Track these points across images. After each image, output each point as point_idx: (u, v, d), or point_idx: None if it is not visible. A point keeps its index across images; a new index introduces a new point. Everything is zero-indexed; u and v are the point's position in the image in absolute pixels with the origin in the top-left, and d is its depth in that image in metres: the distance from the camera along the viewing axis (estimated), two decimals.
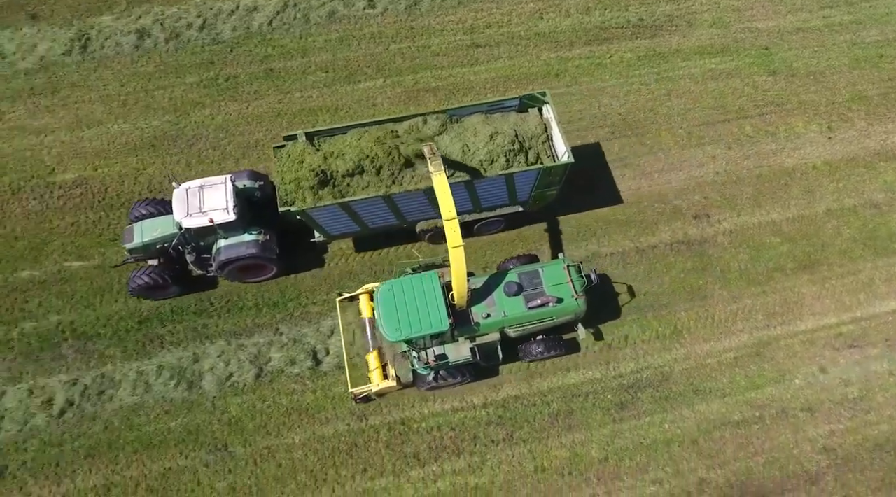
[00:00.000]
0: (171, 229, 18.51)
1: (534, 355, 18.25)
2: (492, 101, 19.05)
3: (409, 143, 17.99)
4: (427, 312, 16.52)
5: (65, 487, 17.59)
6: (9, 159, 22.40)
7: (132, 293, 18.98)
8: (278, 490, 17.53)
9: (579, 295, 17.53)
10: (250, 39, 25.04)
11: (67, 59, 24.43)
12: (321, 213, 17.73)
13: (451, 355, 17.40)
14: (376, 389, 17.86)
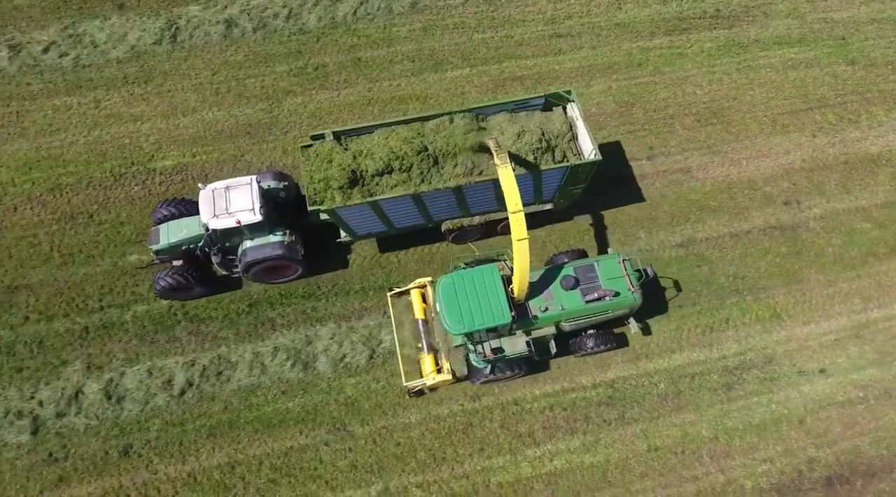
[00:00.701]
0: (197, 230, 18.34)
1: (587, 349, 18.21)
2: (517, 100, 18.70)
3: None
4: (489, 305, 16.48)
5: (190, 466, 17.67)
6: (108, 146, 22.41)
7: (158, 295, 18.85)
8: (399, 468, 17.62)
9: (636, 289, 17.48)
10: (335, 29, 25.02)
11: (158, 49, 24.40)
12: (349, 213, 17.51)
13: (507, 349, 17.35)
14: (431, 383, 17.74)
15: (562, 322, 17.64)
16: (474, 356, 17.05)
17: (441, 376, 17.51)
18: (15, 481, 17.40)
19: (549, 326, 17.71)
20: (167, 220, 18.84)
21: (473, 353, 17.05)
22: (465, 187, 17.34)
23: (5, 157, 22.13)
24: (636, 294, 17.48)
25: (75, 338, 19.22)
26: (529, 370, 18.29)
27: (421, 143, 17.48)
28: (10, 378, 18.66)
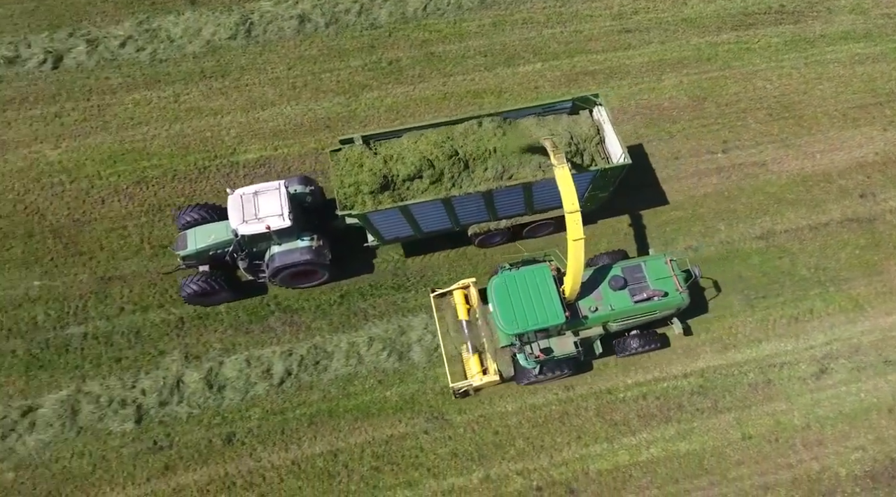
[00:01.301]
0: (225, 235, 18.09)
1: (631, 350, 18.19)
2: (545, 104, 18.50)
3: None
4: (542, 306, 16.39)
5: (293, 453, 17.70)
6: (190, 140, 22.39)
7: (186, 300, 18.58)
8: (499, 456, 17.67)
9: (683, 289, 17.47)
10: (406, 24, 24.99)
11: (233, 43, 24.36)
12: (379, 217, 17.31)
13: (556, 349, 17.23)
14: (477, 384, 17.59)
15: (609, 322, 17.59)
16: (523, 357, 16.87)
17: (488, 377, 17.39)
18: (122, 469, 17.43)
19: (596, 327, 17.71)
20: (192, 224, 18.64)
21: (522, 353, 16.90)
22: (495, 191, 17.11)
23: (90, 150, 22.11)
24: (684, 294, 17.49)
25: (171, 328, 19.23)
26: (575, 371, 18.15)
27: (451, 146, 17.23)
28: (109, 368, 18.67)
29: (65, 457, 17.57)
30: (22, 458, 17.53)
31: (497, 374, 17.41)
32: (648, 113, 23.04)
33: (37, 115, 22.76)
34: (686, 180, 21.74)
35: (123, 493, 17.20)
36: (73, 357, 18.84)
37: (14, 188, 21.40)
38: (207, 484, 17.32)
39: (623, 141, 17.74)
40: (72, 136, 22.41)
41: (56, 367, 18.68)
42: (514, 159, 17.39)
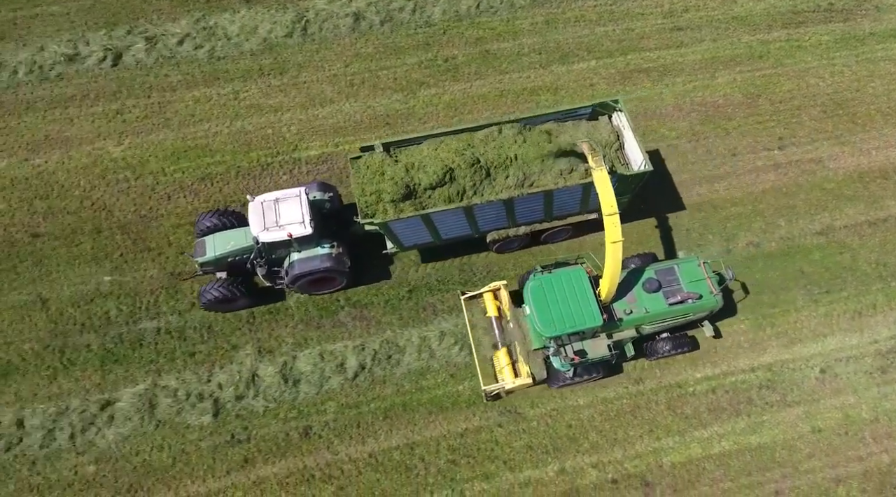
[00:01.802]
0: (244, 242, 17.90)
1: (662, 353, 18.06)
2: (565, 110, 18.25)
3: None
4: (579, 308, 16.31)
5: (370, 446, 17.72)
6: (252, 136, 22.38)
7: (204, 307, 18.40)
8: (573, 449, 17.69)
9: (717, 291, 17.30)
10: (460, 22, 24.96)
11: (290, 41, 24.34)
12: (400, 225, 17.08)
13: (589, 351, 17.14)
14: (510, 387, 17.47)
15: (643, 324, 17.55)
16: (558, 360, 16.68)
17: (520, 380, 17.26)
18: (202, 462, 17.45)
19: (629, 329, 17.56)
20: (211, 231, 18.44)
21: (556, 356, 16.70)
22: (516, 199, 16.91)
23: (153, 146, 22.09)
24: (718, 297, 17.33)
25: (242, 323, 19.23)
26: (606, 374, 18.08)
27: (472, 154, 16.97)
28: (184, 362, 18.68)
29: (145, 450, 17.58)
30: (102, 451, 17.55)
31: (530, 376, 17.25)
32: (704, 110, 23.02)
33: (98, 112, 22.74)
34: (744, 177, 21.72)
35: (204, 485, 17.21)
36: (148, 351, 18.85)
37: (80, 184, 21.39)
38: (287, 477, 17.34)
39: (644, 147, 17.43)
40: (134, 132, 22.39)
41: (131, 362, 18.69)
42: (535, 166, 17.10)
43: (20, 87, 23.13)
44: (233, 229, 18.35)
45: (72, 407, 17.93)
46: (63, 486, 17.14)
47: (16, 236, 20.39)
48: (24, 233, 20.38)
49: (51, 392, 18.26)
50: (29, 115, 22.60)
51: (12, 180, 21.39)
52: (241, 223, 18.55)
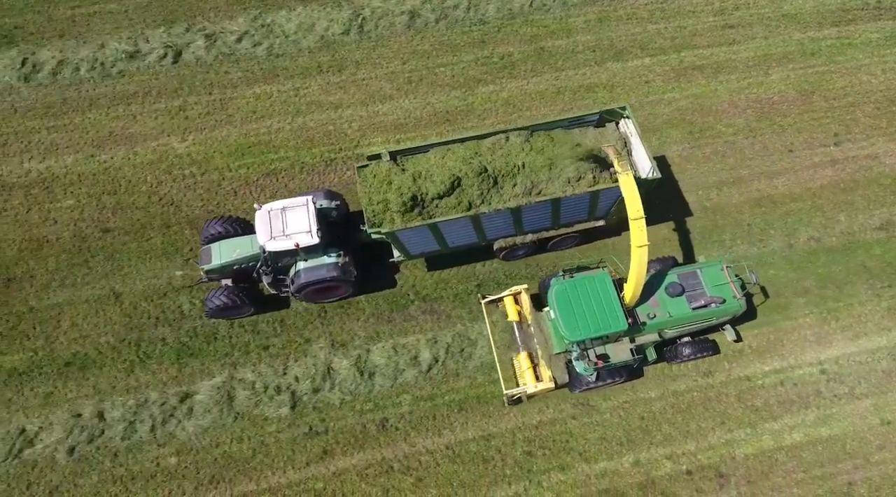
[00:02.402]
0: (250, 250, 17.70)
1: (683, 357, 17.91)
2: (572, 117, 17.99)
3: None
4: (604, 312, 16.21)
5: (446, 438, 17.75)
6: (314, 133, 22.38)
7: (209, 315, 18.23)
8: (647, 441, 17.71)
9: (741, 295, 17.07)
10: (513, 20, 24.94)
11: (346, 39, 24.34)
12: (407, 234, 16.86)
13: (612, 356, 16.99)
14: (531, 392, 17.37)
15: (665, 329, 17.40)
16: (581, 364, 16.51)
17: (543, 384, 17.17)
18: (281, 453, 17.47)
19: (652, 333, 17.42)
20: (217, 238, 18.25)
21: (578, 361, 16.57)
22: (523, 207, 16.69)
23: (216, 142, 22.10)
24: (741, 301, 17.14)
25: (314, 317, 19.25)
26: (628, 377, 17.93)
27: (480, 163, 16.70)
28: (258, 355, 18.71)
29: (225, 442, 17.61)
30: (182, 442, 17.58)
31: (552, 380, 17.11)
32: (759, 107, 23.01)
33: (161, 108, 22.75)
34: (802, 172, 21.72)
35: (285, 476, 17.24)
36: (222, 345, 18.87)
37: (147, 180, 21.41)
38: (366, 468, 17.37)
39: (651, 154, 17.29)
40: (197, 129, 22.40)
41: (206, 355, 18.72)
42: (542, 175, 16.83)
43: (83, 84, 23.14)
44: (238, 237, 18.14)
45: (151, 399, 17.96)
46: (146, 477, 17.17)
47: (86, 231, 20.40)
48: (94, 228, 20.40)
49: (129, 385, 18.29)
50: (93, 112, 22.60)
51: (80, 176, 21.40)
52: (247, 230, 18.34)
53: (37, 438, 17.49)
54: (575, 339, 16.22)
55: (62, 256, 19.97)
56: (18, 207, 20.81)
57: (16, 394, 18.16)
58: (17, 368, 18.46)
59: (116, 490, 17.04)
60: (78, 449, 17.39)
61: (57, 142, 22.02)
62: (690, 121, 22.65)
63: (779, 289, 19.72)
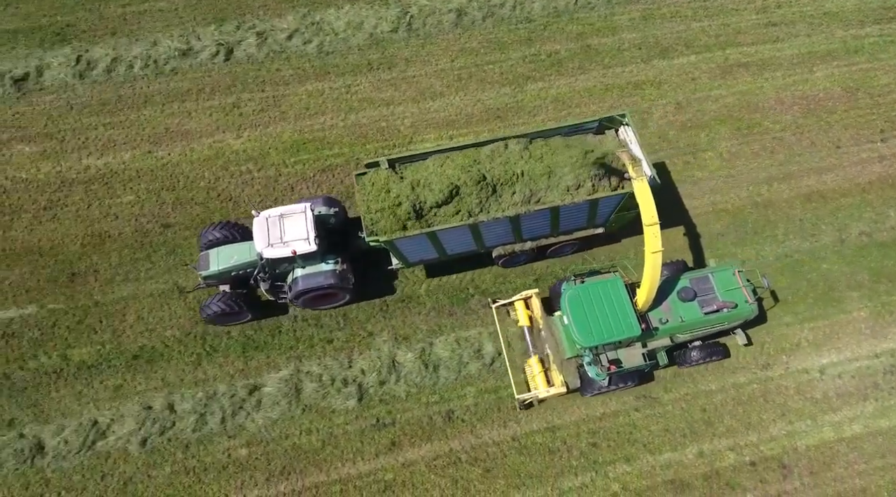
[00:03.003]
0: (248, 257, 17.49)
1: (693, 361, 17.79)
2: (571, 124, 17.66)
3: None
4: (617, 318, 16.10)
5: (511, 430, 17.82)
6: (367, 129, 22.41)
7: (206, 321, 18.13)
8: (709, 432, 17.77)
9: (753, 300, 17.00)
10: (559, 18, 24.97)
11: (395, 36, 24.35)
12: (406, 242, 16.66)
13: (623, 360, 16.96)
14: (543, 396, 17.29)
15: (677, 333, 17.27)
16: (594, 369, 16.56)
17: (555, 389, 17.06)
18: (350, 445, 17.54)
19: (664, 338, 17.33)
20: (215, 244, 18.04)
21: (591, 365, 16.60)
22: (522, 215, 16.46)
23: (271, 139, 22.13)
24: (753, 305, 17.07)
25: (376, 310, 19.29)
26: (640, 381, 17.88)
27: (478, 171, 16.32)
28: (322, 348, 18.76)
29: (294, 434, 17.66)
30: (252, 434, 17.63)
31: (564, 385, 17.01)
32: (805, 103, 23.05)
33: (215, 105, 22.77)
34: (850, 168, 21.76)
35: (354, 467, 17.30)
36: (287, 338, 18.92)
37: (204, 176, 21.43)
38: (433, 459, 17.43)
39: (650, 161, 17.14)
40: (252, 125, 22.42)
41: (271, 348, 18.76)
42: (541, 183, 16.52)
43: (137, 82, 23.15)
44: (236, 243, 17.94)
45: (219, 392, 18.00)
46: (218, 468, 17.23)
47: (147, 227, 20.43)
48: (154, 223, 20.43)
49: (196, 377, 18.33)
50: (147, 109, 22.62)
51: (138, 172, 21.43)
52: (245, 236, 18.18)
53: (109, 430, 17.52)
54: (588, 345, 16.13)
55: (124, 251, 19.98)
56: (79, 203, 20.82)
57: (86, 386, 18.19)
58: (86, 361, 18.48)
59: (189, 481, 17.08)
60: (150, 441, 17.43)
61: (114, 138, 22.03)
62: (738, 117, 22.67)
63: (832, 283, 19.77)
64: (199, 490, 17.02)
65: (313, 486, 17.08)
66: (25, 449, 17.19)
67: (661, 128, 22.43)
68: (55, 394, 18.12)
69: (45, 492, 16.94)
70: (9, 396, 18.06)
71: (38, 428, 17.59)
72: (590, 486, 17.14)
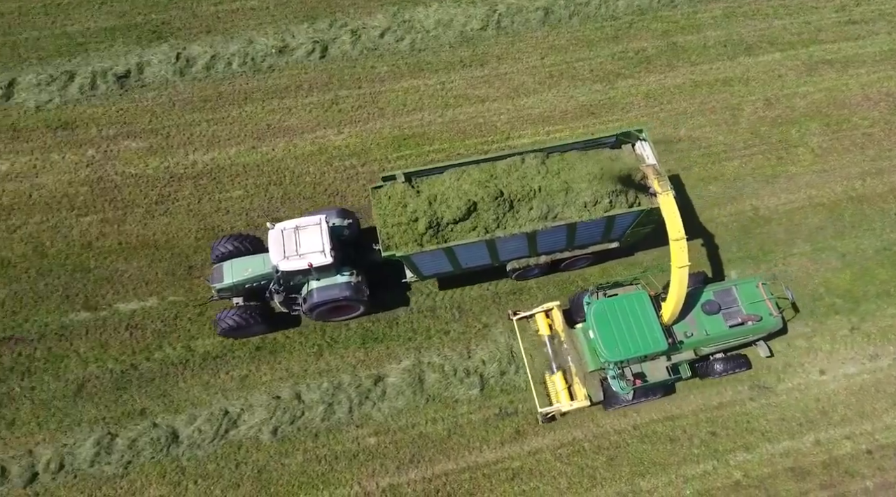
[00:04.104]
0: (262, 269, 17.18)
1: (716, 373, 17.61)
2: (588, 139, 17.14)
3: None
4: (644, 332, 15.85)
5: (631, 419, 17.90)
6: (465, 125, 22.38)
7: (221, 334, 17.71)
8: (825, 421, 17.83)
9: (777, 313, 16.76)
10: (643, 15, 24.91)
11: (484, 34, 24.30)
12: (421, 257, 16.28)
13: (648, 374, 16.58)
14: (566, 410, 16.91)
15: (702, 346, 17.06)
16: (620, 383, 16.16)
17: (578, 402, 16.69)
18: (475, 434, 17.58)
19: (688, 351, 17.10)
20: (228, 256, 17.77)
21: (616, 379, 16.26)
22: (539, 231, 16.13)
23: (372, 135, 22.10)
24: (778, 318, 16.81)
25: (489, 302, 19.30)
26: (663, 394, 17.72)
27: (496, 186, 15.94)
28: (440, 340, 18.78)
29: (420, 423, 17.68)
30: (379, 424, 17.66)
31: (587, 398, 16.69)
32: (891, 100, 23.03)
33: (314, 102, 22.73)
34: None
35: (481, 455, 17.34)
36: (404, 330, 18.93)
37: (310, 171, 21.41)
38: (558, 448, 17.47)
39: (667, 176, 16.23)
40: (352, 121, 22.39)
41: (391, 339, 18.77)
42: (558, 199, 16.10)
43: (236, 79, 23.10)
44: (250, 256, 17.64)
45: (344, 382, 18.02)
46: (349, 456, 17.27)
47: (258, 220, 20.40)
48: (265, 217, 20.37)
49: (319, 368, 18.35)
50: (248, 105, 22.58)
51: (244, 167, 21.41)
52: (257, 248, 17.98)
53: (240, 419, 17.54)
54: (615, 360, 15.87)
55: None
56: (189, 198, 20.80)
57: (212, 376, 18.21)
58: (210, 352, 18.49)
59: (322, 469, 17.12)
60: (280, 430, 17.46)
61: (218, 134, 22.00)
62: (826, 113, 22.65)
63: None
64: (332, 478, 17.05)
65: (443, 474, 17.11)
66: (161, 438, 17.20)
67: (752, 124, 22.40)
68: (183, 384, 18.12)
69: (181, 479, 16.96)
70: (138, 387, 18.06)
71: (169, 417, 17.61)
72: (712, 473, 17.18)
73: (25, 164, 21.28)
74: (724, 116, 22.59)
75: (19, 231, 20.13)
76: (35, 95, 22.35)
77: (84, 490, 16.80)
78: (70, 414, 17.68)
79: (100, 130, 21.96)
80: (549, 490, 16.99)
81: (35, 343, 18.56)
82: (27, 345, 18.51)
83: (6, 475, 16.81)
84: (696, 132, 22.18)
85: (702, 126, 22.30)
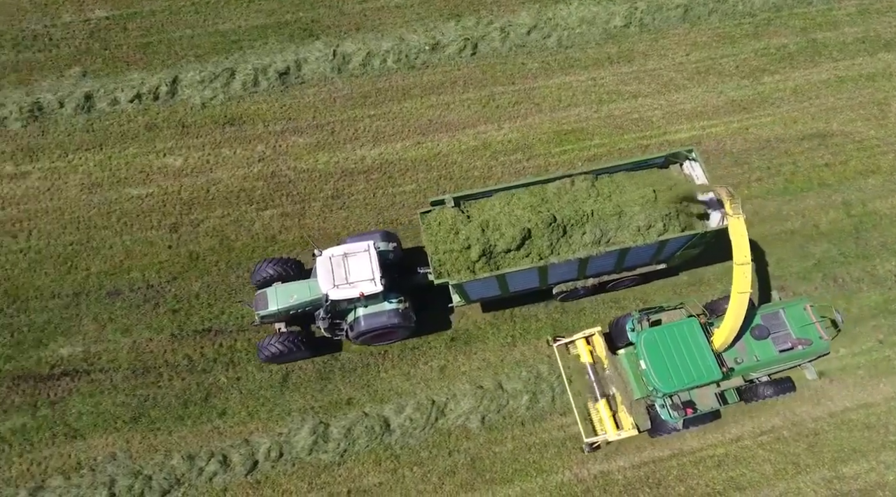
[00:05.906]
0: (307, 296, 16.48)
1: (763, 396, 16.76)
2: (637, 161, 16.39)
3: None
4: (697, 361, 15.26)
5: (825, 407, 17.86)
6: (621, 121, 22.19)
7: (263, 361, 17.01)
8: None
9: (827, 337, 16.09)
10: (779, 12, 24.70)
11: (627, 31, 24.05)
12: (472, 283, 15.51)
13: (696, 400, 15.85)
14: (612, 439, 16.10)
15: (751, 372, 16.38)
16: (672, 413, 15.49)
17: (625, 432, 15.81)
18: None
19: (738, 377, 16.32)
20: (270, 280, 17.12)
21: (666, 408, 15.62)
22: (592, 256, 15.45)
23: (532, 130, 21.92)
24: (827, 342, 16.10)
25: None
26: (711, 420, 17.06)
27: (548, 211, 15.32)
28: None
29: None
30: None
31: (634, 427, 15.87)
32: None
33: (472, 98, 22.51)
34: None
35: (686, 444, 17.33)
36: (590, 320, 18.74)
37: (476, 166, 21.29)
38: (759, 435, 17.47)
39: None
40: (510, 117, 22.18)
41: (578, 330, 18.56)
42: (611, 223, 15.50)
43: (391, 75, 22.87)
44: (294, 282, 16.93)
45: (543, 373, 17.87)
46: (557, 444, 17.20)
47: None
48: None
49: (515, 358, 18.23)
50: (408, 101, 22.36)
51: (413, 162, 21.21)
52: (299, 272, 17.46)
53: (447, 408, 17.40)
54: (670, 392, 15.29)
55: (417, 237, 19.75)
56: (364, 192, 20.61)
57: (412, 367, 18.06)
58: (408, 344, 18.34)
59: (533, 457, 17.00)
60: (488, 418, 17.30)
61: (382, 129, 21.78)
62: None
63: None
64: (544, 465, 16.95)
65: (650, 461, 17.02)
66: (375, 427, 17.05)
67: None
68: (384, 375, 17.97)
69: (397, 467, 16.83)
70: (342, 377, 17.90)
71: (377, 407, 17.46)
72: None
73: (199, 160, 21.05)
74: (873, 111, 22.39)
75: (203, 225, 19.91)
76: (199, 92, 22.09)
77: (304, 478, 16.65)
78: (279, 404, 17.51)
79: (266, 126, 21.72)
80: (756, 476, 16.87)
81: (234, 334, 18.35)
82: (226, 336, 18.32)
83: (229, 463, 16.64)
84: (847, 127, 22.00)
85: (852, 120, 22.12)
